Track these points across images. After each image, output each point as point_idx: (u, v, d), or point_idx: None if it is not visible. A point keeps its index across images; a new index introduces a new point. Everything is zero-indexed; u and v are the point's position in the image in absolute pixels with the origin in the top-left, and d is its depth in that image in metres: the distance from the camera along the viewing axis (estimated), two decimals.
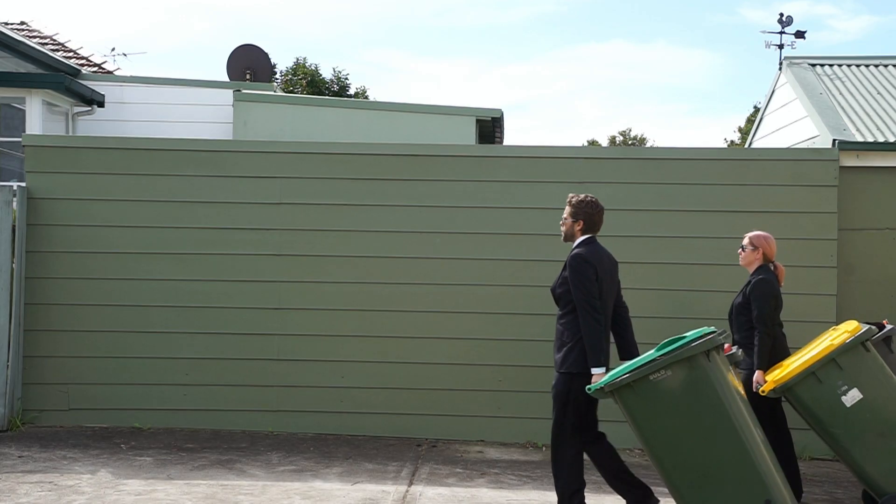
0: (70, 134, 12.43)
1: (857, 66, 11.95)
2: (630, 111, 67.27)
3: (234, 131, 12.60)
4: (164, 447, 7.97)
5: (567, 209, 6.07)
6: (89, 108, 12.76)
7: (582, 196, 6.09)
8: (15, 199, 8.65)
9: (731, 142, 35.63)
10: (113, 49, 29.99)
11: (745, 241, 7.04)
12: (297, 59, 28.55)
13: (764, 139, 12.60)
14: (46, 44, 14.73)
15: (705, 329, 5.55)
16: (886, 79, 11.46)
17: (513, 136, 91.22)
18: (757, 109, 29.20)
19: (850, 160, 8.85)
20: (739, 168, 8.78)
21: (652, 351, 5.41)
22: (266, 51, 16.21)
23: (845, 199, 8.76)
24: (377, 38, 64.25)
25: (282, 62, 37.66)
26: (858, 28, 65.62)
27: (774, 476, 5.37)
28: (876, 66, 11.98)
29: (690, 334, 5.43)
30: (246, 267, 8.74)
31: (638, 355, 5.67)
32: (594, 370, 5.66)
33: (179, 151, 8.93)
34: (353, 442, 8.41)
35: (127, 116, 12.90)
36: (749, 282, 6.93)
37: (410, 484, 6.99)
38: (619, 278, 6.15)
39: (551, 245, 8.62)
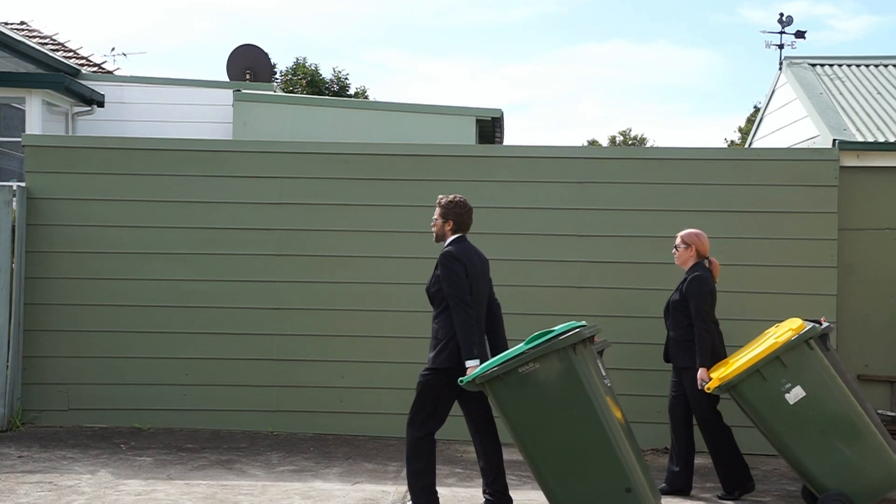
0: (70, 134, 12.43)
1: (857, 66, 11.95)
2: (630, 111, 67.32)
3: (234, 131, 12.60)
4: (163, 447, 7.97)
5: (437, 210, 6.19)
6: (89, 108, 12.75)
7: (451, 196, 6.22)
8: (15, 199, 8.65)
9: (731, 142, 35.61)
10: (113, 49, 29.94)
11: (678, 241, 7.13)
12: (297, 59, 28.52)
13: (764, 139, 12.60)
14: (46, 44, 14.72)
15: (573, 323, 5.69)
16: (886, 79, 11.45)
17: (513, 136, 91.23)
18: (757, 109, 29.19)
19: (850, 160, 8.85)
20: (739, 168, 8.78)
21: (521, 344, 5.54)
22: (266, 51, 16.21)
23: (845, 199, 8.75)
24: (377, 38, 64.29)
25: (282, 62, 37.65)
26: (858, 28, 65.66)
27: (635, 465, 5.54)
28: (876, 66, 11.97)
29: (558, 328, 5.57)
30: (246, 267, 8.74)
31: None
32: (468, 363, 5.75)
33: (179, 151, 8.93)
34: (353, 442, 8.41)
35: (127, 116, 12.90)
36: (685, 279, 7.01)
37: None
38: (496, 276, 6.30)
39: (551, 245, 8.66)
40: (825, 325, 6.94)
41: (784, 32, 21.88)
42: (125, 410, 8.71)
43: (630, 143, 41.30)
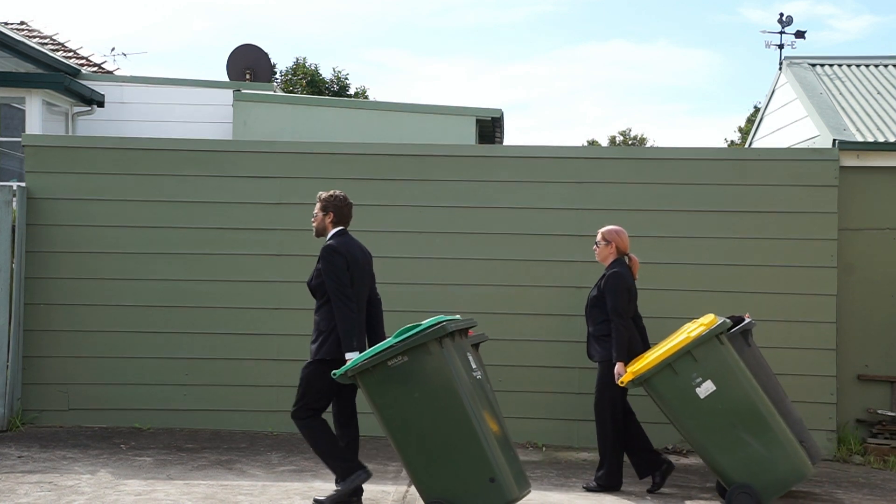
0: (70, 134, 12.43)
1: (857, 66, 11.95)
2: (630, 111, 67.29)
3: (234, 131, 12.60)
4: (163, 447, 7.97)
5: (317, 205, 6.31)
6: (89, 108, 12.75)
7: (330, 192, 6.37)
8: (15, 199, 8.65)
9: (731, 142, 35.60)
10: (113, 49, 29.93)
11: (598, 237, 7.18)
12: (297, 59, 28.52)
13: (764, 139, 12.60)
14: (46, 44, 14.72)
15: (442, 317, 5.82)
16: (886, 79, 11.46)
17: (513, 136, 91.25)
18: (757, 109, 29.19)
19: (850, 160, 8.85)
20: (739, 168, 8.78)
21: (391, 337, 5.68)
22: (266, 51, 16.21)
23: (845, 199, 8.75)
24: (377, 38, 64.28)
25: (282, 62, 37.67)
26: (859, 28, 65.65)
27: (500, 456, 5.69)
28: (876, 66, 11.98)
29: (426, 322, 5.71)
30: (246, 267, 8.74)
31: None
32: (347, 355, 5.87)
33: (179, 151, 8.93)
34: None
35: (127, 116, 12.90)
36: (603, 275, 7.07)
37: (410, 484, 6.99)
38: (374, 271, 6.36)
39: (551, 245, 8.65)
40: (748, 321, 7.17)
41: (784, 32, 21.90)
42: (125, 410, 8.71)
43: (630, 143, 41.28)
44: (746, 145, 14.75)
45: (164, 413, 8.72)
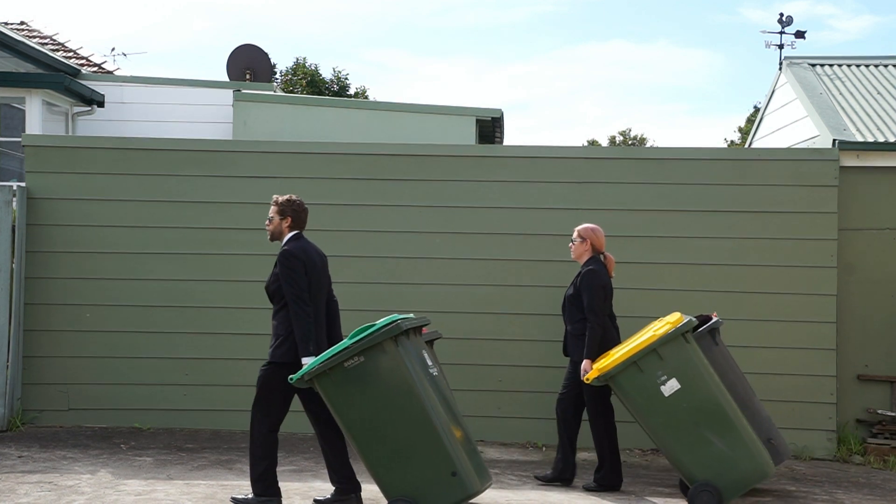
0: (70, 134, 12.43)
1: (857, 66, 11.95)
2: (630, 111, 67.27)
3: (234, 131, 12.59)
4: (164, 447, 7.97)
5: (273, 209, 6.29)
6: (89, 108, 12.75)
7: (286, 196, 6.34)
8: (15, 199, 8.64)
9: (731, 142, 35.60)
10: (113, 49, 29.97)
11: (574, 235, 7.22)
12: (297, 59, 28.53)
13: (764, 139, 12.60)
14: (46, 44, 14.72)
15: (395, 316, 5.83)
16: (886, 79, 11.46)
17: (513, 136, 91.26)
18: (757, 109, 29.19)
19: (850, 160, 8.86)
20: (739, 168, 8.78)
21: (346, 339, 5.70)
22: (266, 51, 16.21)
23: (845, 199, 8.76)
24: (377, 38, 64.27)
25: (282, 62, 37.70)
26: (859, 28, 65.64)
27: (460, 450, 5.75)
28: (876, 66, 11.98)
29: (380, 322, 5.74)
30: (246, 267, 8.73)
31: None
32: (304, 360, 5.86)
33: (179, 151, 8.93)
34: None
35: (127, 116, 12.89)
36: (579, 273, 7.10)
37: None
38: (330, 273, 6.35)
39: (551, 245, 8.64)
40: (715, 319, 7.23)
41: (784, 32, 21.92)
42: (125, 410, 8.71)
43: (630, 143, 41.27)
44: (746, 145, 14.75)
45: (164, 413, 8.72)
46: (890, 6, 61.14)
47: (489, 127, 13.15)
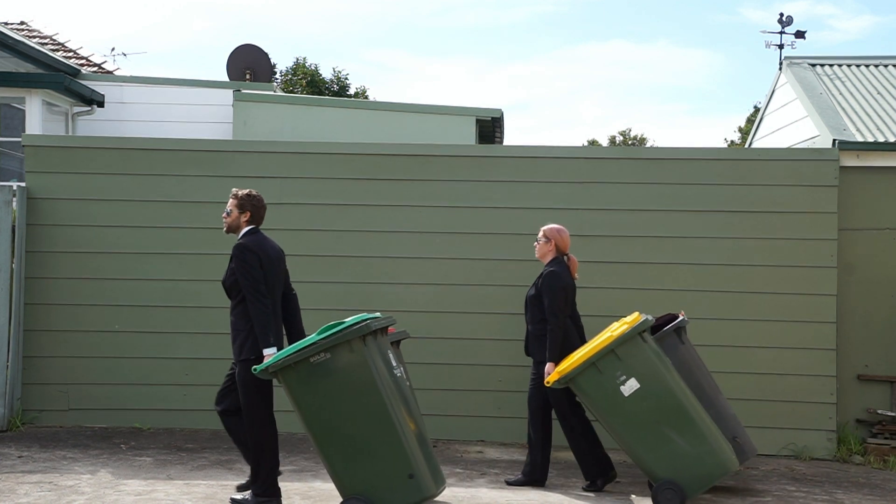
0: (70, 134, 12.43)
1: (857, 66, 11.95)
2: (630, 111, 67.26)
3: (234, 131, 12.60)
4: (164, 447, 7.97)
5: (232, 202, 6.29)
6: (89, 108, 12.75)
7: (246, 190, 6.35)
8: (15, 199, 8.64)
9: (731, 142, 35.60)
10: (113, 49, 30.01)
11: (540, 234, 7.24)
12: (297, 59, 28.54)
13: (764, 139, 12.60)
14: (46, 44, 14.71)
15: (364, 315, 5.90)
16: (886, 79, 11.46)
17: (513, 136, 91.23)
18: (757, 109, 29.19)
19: (850, 160, 8.85)
20: (739, 168, 8.78)
21: (314, 334, 5.74)
22: (266, 51, 16.21)
23: (845, 199, 8.75)
24: (377, 38, 64.27)
25: (282, 62, 37.71)
26: (859, 28, 65.64)
27: (418, 453, 5.79)
28: (876, 66, 11.98)
29: (349, 320, 5.78)
30: None
31: None
32: (265, 351, 5.88)
33: (179, 151, 8.93)
34: None
35: (127, 116, 12.89)
36: (541, 274, 7.10)
37: None
38: (287, 267, 6.38)
39: None
40: (680, 318, 7.27)
41: (784, 32, 21.90)
42: (125, 410, 8.71)
43: (630, 143, 41.27)
44: (746, 145, 14.75)
45: (164, 413, 8.72)
46: (890, 6, 61.15)
47: (489, 127, 13.15)
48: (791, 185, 8.69)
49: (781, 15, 21.90)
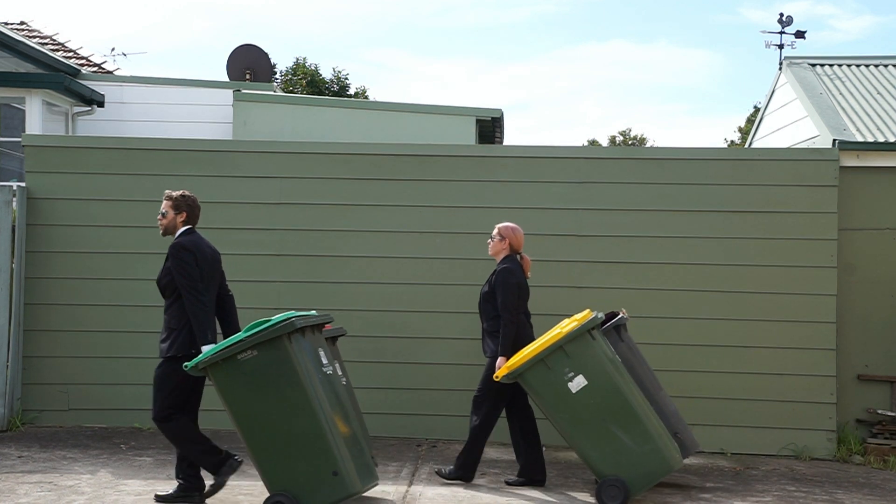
0: (70, 134, 12.43)
1: (857, 66, 11.95)
2: (630, 111, 67.26)
3: (234, 131, 12.60)
4: (163, 447, 7.97)
5: (167, 203, 6.38)
6: (89, 108, 12.75)
7: (181, 191, 6.45)
8: (15, 199, 8.64)
9: (731, 142, 35.59)
10: (113, 49, 30.01)
11: (494, 232, 7.25)
12: (297, 59, 28.51)
13: (764, 139, 12.60)
14: (46, 44, 14.71)
15: (291, 313, 5.96)
16: (886, 79, 11.45)
17: (513, 136, 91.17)
18: (757, 109, 29.18)
19: (850, 160, 8.85)
20: (739, 168, 8.78)
21: (241, 332, 5.84)
22: (266, 51, 16.21)
23: (845, 199, 8.75)
24: (377, 38, 64.27)
25: (282, 62, 37.68)
26: (859, 28, 65.64)
27: (344, 450, 5.84)
28: (876, 66, 11.98)
29: (276, 317, 5.84)
30: (246, 267, 8.73)
31: None
32: (204, 347, 5.96)
33: (179, 151, 8.93)
34: None
35: (127, 116, 12.89)
36: (494, 271, 7.11)
37: (410, 484, 6.99)
38: (223, 269, 6.47)
39: (551, 245, 8.65)
40: (620, 316, 7.33)
41: (784, 32, 21.89)
42: (125, 410, 8.71)
43: (630, 143, 41.27)
44: (746, 145, 14.75)
45: None
46: (890, 6, 61.16)
47: (489, 127, 13.15)
48: (791, 185, 8.69)
49: (781, 15, 21.90)
